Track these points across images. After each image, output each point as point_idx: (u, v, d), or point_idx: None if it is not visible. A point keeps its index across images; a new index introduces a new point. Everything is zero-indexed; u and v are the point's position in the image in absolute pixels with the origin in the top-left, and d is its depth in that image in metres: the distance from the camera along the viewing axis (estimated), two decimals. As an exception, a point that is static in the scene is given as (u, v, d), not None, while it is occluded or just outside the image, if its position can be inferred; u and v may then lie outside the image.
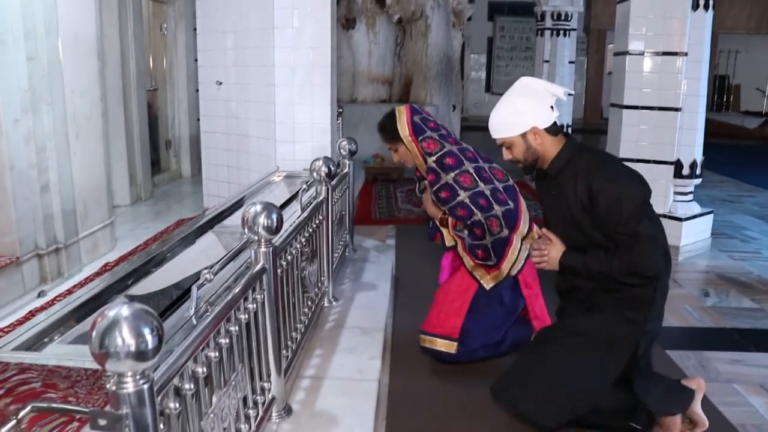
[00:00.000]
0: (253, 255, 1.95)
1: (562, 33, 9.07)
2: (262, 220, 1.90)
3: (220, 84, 4.70)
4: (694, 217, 4.71)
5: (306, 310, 2.70)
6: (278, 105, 4.13)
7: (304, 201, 2.73)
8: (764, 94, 15.33)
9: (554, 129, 2.25)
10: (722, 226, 5.58)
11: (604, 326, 2.19)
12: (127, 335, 1.05)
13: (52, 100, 3.72)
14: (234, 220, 3.06)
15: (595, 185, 2.11)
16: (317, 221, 2.91)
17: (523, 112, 2.21)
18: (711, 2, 4.48)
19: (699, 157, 4.66)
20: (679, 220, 4.61)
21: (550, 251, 2.25)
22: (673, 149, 4.59)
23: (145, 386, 1.10)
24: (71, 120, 3.95)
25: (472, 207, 2.75)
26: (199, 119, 5.21)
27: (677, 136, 4.58)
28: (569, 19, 9.09)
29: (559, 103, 2.26)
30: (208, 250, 2.76)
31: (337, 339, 2.82)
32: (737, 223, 5.86)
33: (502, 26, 16.55)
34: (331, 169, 3.04)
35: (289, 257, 2.36)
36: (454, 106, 9.87)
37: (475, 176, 2.79)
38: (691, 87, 4.56)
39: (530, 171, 2.33)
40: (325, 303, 3.16)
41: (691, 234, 4.70)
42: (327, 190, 3.07)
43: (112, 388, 1.08)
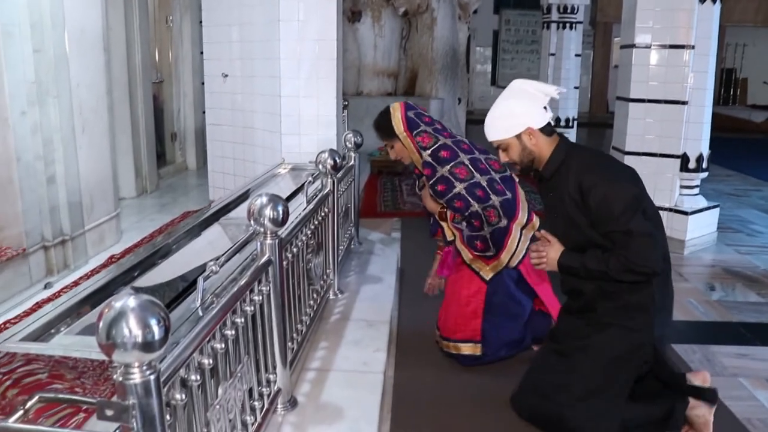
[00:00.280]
0: (259, 247, 1.96)
1: (568, 26, 9.02)
2: (268, 212, 1.90)
3: (226, 76, 4.70)
4: (700, 210, 4.68)
5: (311, 302, 2.71)
6: (284, 98, 4.13)
7: (309, 193, 2.73)
8: (772, 88, 15.26)
9: (549, 129, 2.26)
10: (728, 220, 5.56)
11: (609, 345, 2.19)
12: (134, 326, 1.05)
13: (59, 93, 3.72)
14: (240, 212, 3.06)
15: (585, 184, 2.11)
16: (323, 213, 2.91)
17: (518, 114, 2.22)
18: (718, -5, 4.46)
19: (705, 151, 4.65)
20: (685, 213, 4.57)
21: (548, 252, 2.25)
22: (680, 143, 4.58)
23: (152, 377, 1.10)
24: (77, 112, 3.95)
25: (469, 198, 2.73)
26: (204, 112, 5.21)
27: (684, 130, 4.56)
28: (575, 11, 9.03)
29: (564, 97, 2.26)
30: (213, 242, 2.77)
31: (343, 331, 2.83)
32: (743, 217, 5.84)
33: (508, 19, 16.48)
34: (337, 161, 3.05)
35: (295, 249, 2.37)
36: (460, 100, 9.85)
37: (471, 168, 2.78)
38: (698, 80, 4.54)
39: (527, 172, 2.34)
40: (331, 295, 3.17)
41: (697, 228, 4.66)
42: (332, 183, 3.07)
43: (119, 379, 1.08)
